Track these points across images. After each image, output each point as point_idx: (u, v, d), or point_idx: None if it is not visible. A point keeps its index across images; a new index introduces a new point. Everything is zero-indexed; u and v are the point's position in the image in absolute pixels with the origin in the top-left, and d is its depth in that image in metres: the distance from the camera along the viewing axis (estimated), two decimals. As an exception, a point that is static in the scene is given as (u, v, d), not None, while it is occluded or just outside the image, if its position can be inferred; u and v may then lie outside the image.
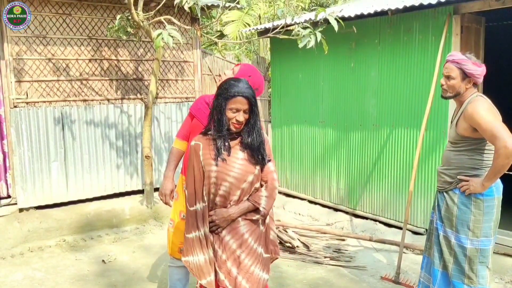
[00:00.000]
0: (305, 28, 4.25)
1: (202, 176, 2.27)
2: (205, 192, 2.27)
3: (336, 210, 5.83)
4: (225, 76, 2.79)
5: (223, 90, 2.24)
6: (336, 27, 4.11)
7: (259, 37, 6.94)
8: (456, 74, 2.73)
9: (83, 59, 5.34)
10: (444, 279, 2.86)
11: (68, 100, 5.28)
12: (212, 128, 2.28)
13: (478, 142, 2.70)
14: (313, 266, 4.25)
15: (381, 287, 3.85)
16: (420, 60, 4.71)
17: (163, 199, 3.04)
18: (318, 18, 4.26)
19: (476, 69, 2.70)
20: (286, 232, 4.84)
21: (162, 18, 4.53)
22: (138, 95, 5.76)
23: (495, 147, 2.54)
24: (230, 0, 4.95)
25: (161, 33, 3.89)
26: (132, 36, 5.08)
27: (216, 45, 10.31)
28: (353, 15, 5.05)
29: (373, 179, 5.34)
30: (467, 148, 2.74)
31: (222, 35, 9.20)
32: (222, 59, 7.78)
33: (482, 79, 2.76)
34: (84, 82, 5.37)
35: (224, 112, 2.22)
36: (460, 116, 2.75)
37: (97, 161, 5.49)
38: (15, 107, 4.92)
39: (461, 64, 2.71)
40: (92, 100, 5.45)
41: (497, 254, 4.07)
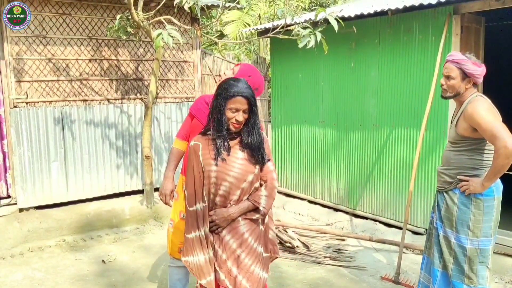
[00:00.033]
0: (305, 28, 4.24)
1: (202, 176, 2.27)
2: (205, 192, 2.27)
3: (336, 210, 5.83)
4: (225, 76, 2.79)
5: (223, 90, 2.24)
6: (336, 27, 4.11)
7: (259, 37, 6.94)
8: (456, 74, 2.73)
9: (83, 59, 5.34)
10: (444, 279, 2.86)
11: (68, 100, 5.28)
12: (212, 128, 2.28)
13: (478, 142, 2.70)
14: (313, 266, 4.25)
15: (381, 287, 3.85)
16: (420, 60, 4.71)
17: (163, 199, 3.05)
18: (318, 18, 4.26)
19: (476, 69, 2.70)
20: (286, 232, 4.84)
21: (162, 18, 4.53)
22: (138, 95, 5.76)
23: (495, 147, 2.54)
24: (230, 0, 4.95)
25: (161, 33, 3.89)
26: (132, 36, 5.09)
27: (216, 45, 10.31)
28: (353, 15, 5.05)
29: (373, 179, 5.34)
30: (467, 148, 2.74)
31: (222, 35, 9.20)
32: (222, 59, 7.77)
33: (482, 79, 2.76)
34: (84, 82, 5.37)
35: (224, 112, 2.22)
36: (460, 116, 2.75)
37: (97, 161, 5.49)
38: (15, 107, 4.92)
39: (461, 64, 2.71)
40: (92, 100, 5.45)
41: (497, 254, 4.07)
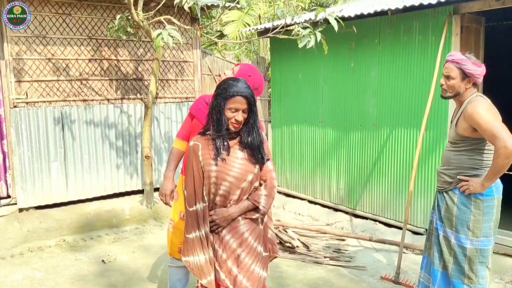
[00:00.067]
0: (305, 28, 4.24)
1: (202, 176, 2.27)
2: (205, 192, 2.27)
3: (336, 210, 5.83)
4: (224, 76, 2.79)
5: (222, 90, 2.24)
6: (336, 27, 4.11)
7: (259, 37, 6.94)
8: (455, 74, 2.73)
9: (83, 59, 5.34)
10: (444, 279, 2.86)
11: (68, 100, 5.28)
12: (211, 128, 2.28)
13: (478, 142, 2.70)
14: (313, 266, 4.25)
15: (381, 287, 3.85)
16: (420, 60, 4.71)
17: (163, 199, 3.05)
18: (318, 18, 4.26)
19: (475, 69, 2.70)
20: (286, 232, 4.84)
21: (162, 18, 4.53)
22: (138, 95, 5.76)
23: (495, 147, 2.53)
24: (230, 0, 4.95)
25: (161, 33, 3.89)
26: (132, 36, 5.09)
27: (216, 45, 10.31)
28: (353, 15, 5.05)
29: (373, 179, 5.34)
30: (466, 148, 2.74)
31: (222, 35, 9.19)
32: (222, 59, 7.78)
33: (481, 79, 2.76)
34: (84, 82, 5.37)
35: (223, 112, 2.22)
36: (460, 116, 2.74)
37: (97, 161, 5.49)
38: (15, 107, 4.92)
39: (460, 64, 2.71)
40: (92, 100, 5.45)
41: (497, 254, 4.07)
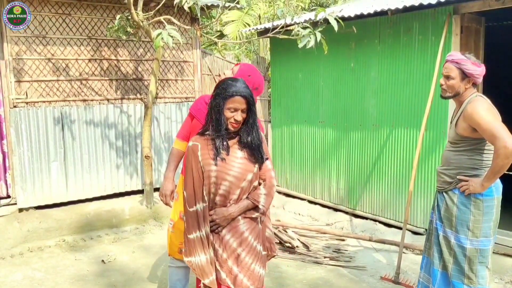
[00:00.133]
0: (305, 28, 4.24)
1: (201, 177, 2.27)
2: (205, 192, 2.27)
3: (336, 210, 5.83)
4: (224, 76, 2.79)
5: (221, 90, 2.25)
6: (336, 27, 4.11)
7: (259, 37, 6.94)
8: (455, 74, 2.73)
9: (82, 59, 5.34)
10: (444, 279, 2.86)
11: (68, 100, 5.28)
12: (210, 128, 2.28)
13: (477, 142, 2.70)
14: (312, 266, 4.25)
15: (380, 287, 3.85)
16: (420, 60, 4.71)
17: (164, 199, 3.05)
18: (318, 18, 4.25)
19: (475, 69, 2.70)
20: (286, 232, 4.84)
21: (162, 18, 4.53)
22: (138, 95, 5.76)
23: (495, 147, 2.53)
24: (230, 0, 4.95)
25: (160, 33, 3.89)
26: (132, 36, 5.09)
27: (216, 45, 10.31)
28: (353, 15, 5.05)
29: (373, 179, 5.34)
30: (466, 148, 2.74)
31: (222, 35, 9.19)
32: (222, 59, 7.78)
33: (481, 79, 2.76)
34: (83, 82, 5.37)
35: (222, 111, 2.23)
36: (459, 116, 2.74)
37: (97, 161, 5.49)
38: (14, 107, 4.92)
39: (460, 64, 2.71)
40: (92, 100, 5.45)
41: (497, 254, 4.07)
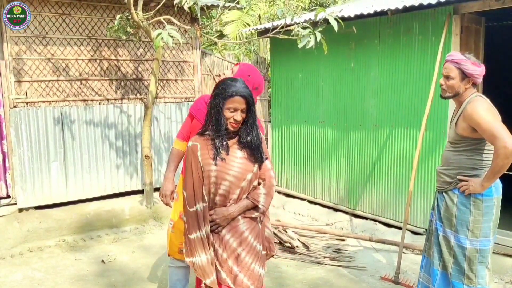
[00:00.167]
0: (304, 28, 4.24)
1: (201, 177, 2.27)
2: (205, 192, 2.27)
3: (335, 210, 5.83)
4: (224, 76, 2.79)
5: (221, 90, 2.25)
6: (336, 27, 4.11)
7: (259, 37, 6.94)
8: (455, 74, 2.73)
9: (82, 59, 5.34)
10: (444, 279, 2.86)
11: (68, 100, 5.28)
12: (210, 128, 2.29)
13: (477, 142, 2.70)
14: (312, 266, 4.25)
15: (380, 287, 3.85)
16: (420, 60, 4.71)
17: (164, 200, 3.05)
18: (318, 18, 4.25)
19: (475, 69, 2.70)
20: (286, 232, 4.84)
21: (162, 18, 4.53)
22: (138, 95, 5.76)
23: (495, 147, 2.53)
24: (230, 0, 4.95)
25: (160, 33, 3.89)
26: (132, 36, 5.09)
27: (216, 45, 10.31)
28: (353, 15, 5.05)
29: (373, 179, 5.34)
30: (466, 148, 2.74)
31: (222, 35, 9.18)
32: (222, 59, 7.78)
33: (481, 79, 2.76)
34: (83, 82, 5.37)
35: (222, 111, 2.23)
36: (459, 116, 2.74)
37: (97, 161, 5.49)
38: (14, 107, 4.92)
39: (460, 64, 2.71)
40: (92, 100, 5.45)
41: (496, 254, 4.07)
